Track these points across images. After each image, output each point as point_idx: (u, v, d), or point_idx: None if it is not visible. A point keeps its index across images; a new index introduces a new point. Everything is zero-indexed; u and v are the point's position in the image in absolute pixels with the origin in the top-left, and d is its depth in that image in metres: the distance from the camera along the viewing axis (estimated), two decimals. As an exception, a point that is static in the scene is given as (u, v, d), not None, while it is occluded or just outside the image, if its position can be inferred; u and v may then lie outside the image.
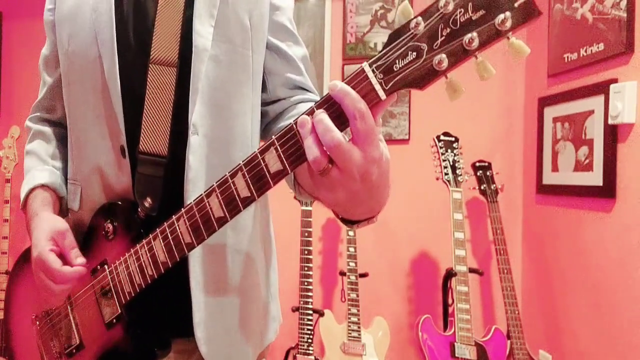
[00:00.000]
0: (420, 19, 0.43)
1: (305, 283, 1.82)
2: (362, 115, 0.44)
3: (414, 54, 0.44)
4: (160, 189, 0.69)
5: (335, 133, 0.44)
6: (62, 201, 0.80)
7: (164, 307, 0.70)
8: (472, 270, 1.72)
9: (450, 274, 1.71)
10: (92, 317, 0.70)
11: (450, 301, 1.75)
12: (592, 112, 1.51)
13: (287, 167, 0.50)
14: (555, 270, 1.72)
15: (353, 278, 1.83)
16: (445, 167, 1.77)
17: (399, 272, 2.10)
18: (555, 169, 1.71)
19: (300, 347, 1.79)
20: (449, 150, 1.78)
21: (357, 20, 2.13)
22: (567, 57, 1.63)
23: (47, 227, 0.70)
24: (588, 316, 1.53)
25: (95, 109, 0.72)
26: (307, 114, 0.47)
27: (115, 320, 0.68)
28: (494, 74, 0.43)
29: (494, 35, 0.41)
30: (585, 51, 1.53)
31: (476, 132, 2.00)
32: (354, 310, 1.80)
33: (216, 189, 0.55)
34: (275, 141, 0.50)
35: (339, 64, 2.16)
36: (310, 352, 1.78)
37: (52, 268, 0.66)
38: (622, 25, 1.36)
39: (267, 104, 0.82)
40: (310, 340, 1.79)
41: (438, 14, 0.43)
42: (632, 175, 1.35)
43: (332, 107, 0.46)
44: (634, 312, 1.33)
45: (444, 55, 0.43)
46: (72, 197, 0.78)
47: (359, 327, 1.80)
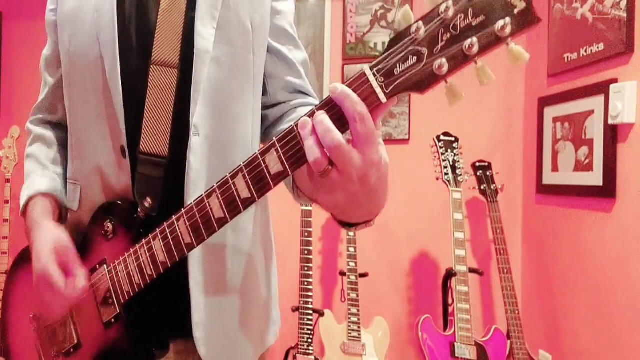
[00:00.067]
0: (421, 23, 0.44)
1: (305, 283, 1.82)
2: (362, 118, 0.44)
3: (415, 58, 0.44)
4: (160, 189, 0.69)
5: (336, 134, 0.44)
6: (62, 208, 0.80)
7: (163, 307, 0.70)
8: (472, 270, 1.72)
9: (450, 274, 1.71)
10: (90, 316, 0.70)
11: (450, 301, 1.75)
12: (592, 112, 1.51)
13: (288, 169, 0.50)
14: (555, 270, 1.72)
15: (353, 278, 1.83)
16: (445, 167, 1.76)
17: (399, 272, 2.10)
18: (555, 169, 1.71)
19: (300, 347, 1.79)
20: (449, 150, 1.78)
21: (357, 20, 2.13)
22: (567, 57, 1.63)
23: (51, 239, 0.69)
24: (588, 316, 1.53)
25: (96, 109, 0.72)
26: (308, 116, 0.47)
27: (113, 320, 0.68)
28: (493, 80, 0.43)
29: (493, 41, 0.42)
30: (585, 51, 1.53)
31: (476, 132, 2.00)
32: (354, 310, 1.80)
33: (217, 189, 0.55)
34: (276, 143, 0.50)
35: (339, 64, 2.16)
36: (310, 352, 1.78)
37: (56, 287, 0.66)
38: (622, 25, 1.36)
39: (267, 107, 0.82)
40: (310, 340, 1.79)
41: (438, 19, 0.43)
42: (632, 175, 1.35)
43: (333, 109, 0.46)
44: (634, 312, 1.32)
45: (444, 59, 0.43)
46: (72, 197, 0.78)
47: (359, 327, 1.80)
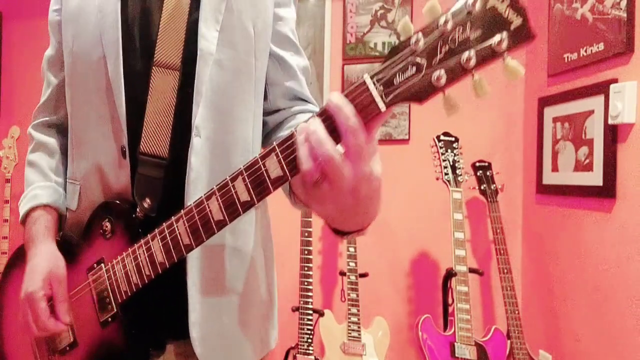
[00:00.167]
0: (421, 35, 0.45)
1: (305, 283, 1.82)
2: (353, 132, 0.45)
3: (414, 68, 0.45)
4: (160, 190, 0.69)
5: (328, 146, 0.45)
6: (62, 218, 0.81)
7: (160, 307, 0.70)
8: (472, 270, 1.72)
9: (450, 274, 1.71)
10: (87, 315, 0.70)
11: (450, 301, 1.74)
12: (592, 112, 1.51)
13: (287, 174, 0.50)
14: (555, 270, 1.72)
15: (353, 278, 1.83)
16: (445, 167, 1.76)
17: (399, 272, 2.10)
18: (555, 169, 1.71)
19: (300, 347, 1.79)
20: (449, 150, 1.78)
21: (357, 20, 2.13)
22: (567, 57, 1.63)
23: (47, 266, 0.70)
24: (588, 316, 1.53)
25: (98, 109, 0.72)
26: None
27: (110, 319, 0.68)
28: (488, 93, 0.44)
29: (490, 55, 0.43)
30: (585, 51, 1.53)
31: (476, 132, 2.00)
32: (354, 310, 1.80)
33: (216, 192, 0.55)
34: (277, 147, 0.50)
35: (339, 64, 2.16)
36: (310, 352, 1.78)
37: (39, 315, 0.68)
38: (622, 25, 1.36)
39: (267, 114, 0.82)
40: (310, 340, 1.79)
41: (437, 31, 0.44)
42: (632, 175, 1.35)
43: (329, 119, 0.47)
44: (634, 312, 1.32)
45: (443, 71, 0.44)
46: (71, 197, 0.78)
47: (359, 327, 1.80)
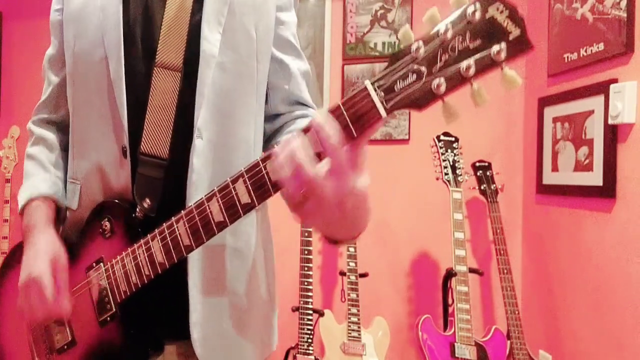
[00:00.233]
0: (422, 43, 0.45)
1: (305, 283, 1.82)
2: (334, 150, 0.45)
3: (414, 76, 0.46)
4: (160, 190, 0.69)
5: (309, 167, 0.45)
6: (61, 212, 0.81)
7: (160, 308, 0.70)
8: (472, 270, 1.72)
9: (450, 274, 1.71)
10: (85, 314, 0.70)
11: (450, 301, 1.74)
12: (592, 112, 1.51)
13: None
14: (555, 270, 1.72)
15: (353, 278, 1.83)
16: (445, 167, 1.76)
17: (399, 272, 2.10)
18: (555, 169, 1.71)
19: (300, 347, 1.79)
20: (449, 150, 1.78)
21: (357, 20, 2.13)
22: (567, 57, 1.63)
23: (50, 252, 0.70)
24: (588, 316, 1.53)
25: (99, 109, 0.72)
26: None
27: (109, 319, 0.68)
28: (487, 102, 0.45)
29: (489, 64, 0.44)
30: (585, 51, 1.53)
31: (476, 132, 1.99)
32: (354, 310, 1.80)
33: (217, 193, 0.56)
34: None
35: (339, 64, 2.16)
36: (310, 352, 1.78)
37: (46, 298, 0.66)
38: (622, 25, 1.36)
39: (266, 119, 0.82)
40: (310, 340, 1.79)
41: (438, 39, 0.45)
42: (632, 175, 1.35)
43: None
44: (634, 312, 1.32)
45: (443, 79, 0.45)
46: (71, 196, 0.78)
47: (359, 327, 1.80)
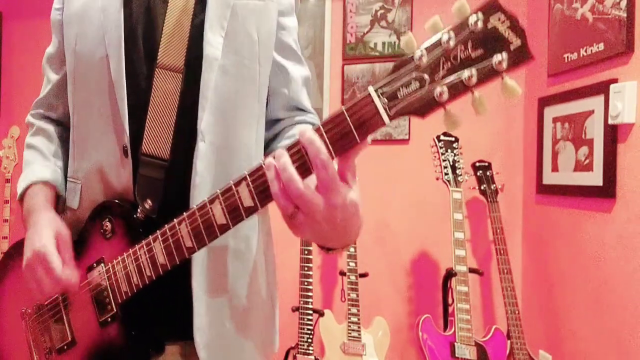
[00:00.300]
0: (425, 51, 0.46)
1: (305, 283, 1.82)
2: (323, 165, 0.46)
3: (417, 83, 0.47)
4: (161, 191, 0.69)
5: (298, 184, 0.46)
6: (60, 200, 0.81)
7: (161, 309, 0.70)
8: (472, 270, 1.72)
9: (450, 274, 1.71)
10: (86, 314, 0.70)
11: (450, 301, 1.75)
12: (592, 112, 1.51)
13: None
14: (555, 270, 1.72)
15: (353, 278, 1.83)
16: (445, 167, 1.76)
17: (399, 272, 2.10)
18: (555, 169, 1.71)
19: (300, 347, 1.79)
20: (449, 150, 1.78)
21: (357, 20, 2.13)
22: (567, 57, 1.63)
23: (54, 227, 0.70)
24: (588, 316, 1.53)
25: (100, 109, 0.72)
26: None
27: (110, 319, 0.67)
28: (487, 111, 0.45)
29: (490, 73, 0.44)
30: (585, 51, 1.53)
31: (476, 132, 1.99)
32: (354, 310, 1.80)
33: (220, 196, 0.55)
34: None
35: (339, 64, 2.16)
36: (310, 352, 1.78)
37: (52, 267, 0.65)
38: (622, 25, 1.36)
39: (266, 123, 0.82)
40: (310, 340, 1.79)
41: (441, 48, 0.46)
42: (632, 175, 1.35)
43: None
44: (634, 311, 1.33)
45: (445, 87, 0.45)
46: (71, 196, 0.78)
47: (359, 327, 1.80)
